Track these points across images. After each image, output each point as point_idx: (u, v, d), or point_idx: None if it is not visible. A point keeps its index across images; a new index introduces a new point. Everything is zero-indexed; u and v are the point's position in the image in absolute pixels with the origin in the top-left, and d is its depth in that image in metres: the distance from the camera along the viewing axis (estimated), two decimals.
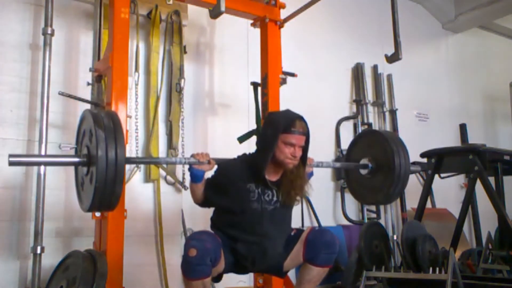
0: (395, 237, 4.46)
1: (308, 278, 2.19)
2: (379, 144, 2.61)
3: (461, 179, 5.32)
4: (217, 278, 2.23)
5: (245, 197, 2.14)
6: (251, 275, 3.30)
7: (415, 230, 3.32)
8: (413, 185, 4.89)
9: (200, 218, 3.25)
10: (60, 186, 3.03)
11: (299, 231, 2.27)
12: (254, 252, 2.14)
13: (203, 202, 2.28)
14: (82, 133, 2.04)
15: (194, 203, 2.31)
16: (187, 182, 3.30)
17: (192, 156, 2.19)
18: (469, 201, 3.80)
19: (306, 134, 2.17)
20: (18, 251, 2.85)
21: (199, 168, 2.17)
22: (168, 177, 3.38)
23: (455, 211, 4.25)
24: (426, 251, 3.15)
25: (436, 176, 3.86)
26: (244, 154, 2.30)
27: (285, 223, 2.28)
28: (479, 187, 3.57)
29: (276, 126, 2.14)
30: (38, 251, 2.74)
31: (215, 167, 2.23)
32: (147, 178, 3.31)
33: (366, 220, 4.45)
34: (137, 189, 3.24)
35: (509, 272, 3.46)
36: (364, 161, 2.66)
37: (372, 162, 2.63)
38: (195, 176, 2.18)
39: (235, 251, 2.16)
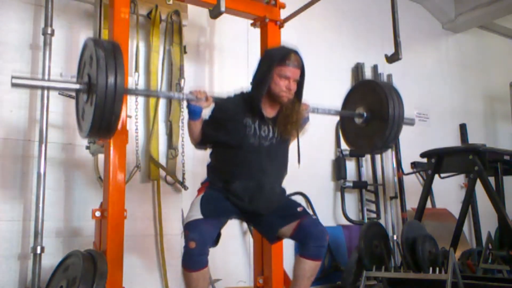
0: (395, 237, 4.46)
1: (302, 273, 2.19)
2: (374, 91, 2.59)
3: (461, 179, 5.31)
4: (215, 242, 2.20)
5: (242, 131, 2.17)
6: (251, 275, 3.30)
7: (415, 230, 3.32)
8: (413, 185, 4.90)
9: None
10: (60, 186, 3.03)
11: (304, 212, 2.27)
12: (250, 189, 2.16)
13: (200, 141, 2.29)
14: (83, 63, 2.04)
15: (192, 143, 2.34)
16: (187, 182, 3.32)
17: (190, 92, 2.21)
18: (469, 201, 3.81)
19: (301, 68, 2.20)
20: (18, 251, 2.85)
21: (197, 105, 2.19)
22: (168, 177, 3.38)
23: (455, 211, 4.24)
24: (426, 251, 3.15)
25: (436, 176, 3.87)
26: (241, 91, 2.32)
27: (281, 160, 2.30)
28: (479, 187, 3.57)
29: (271, 59, 2.17)
30: (38, 251, 2.74)
31: (212, 105, 2.25)
32: (147, 178, 3.31)
33: (366, 220, 4.44)
34: (137, 189, 3.24)
35: (509, 272, 3.47)
36: (359, 110, 2.65)
37: (367, 111, 2.61)
38: (193, 112, 2.20)
39: (231, 195, 2.17)
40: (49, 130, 2.89)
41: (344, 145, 4.41)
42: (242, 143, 2.17)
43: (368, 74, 4.88)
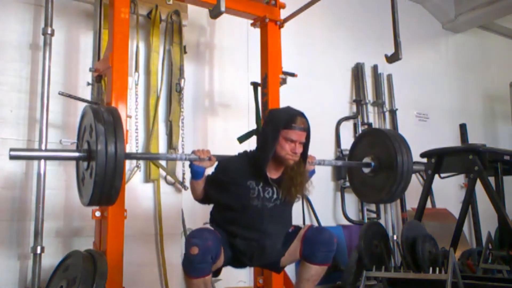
0: (395, 237, 4.46)
1: (307, 277, 2.19)
2: (382, 142, 2.60)
3: (461, 179, 5.32)
4: (216, 273, 2.22)
5: (245, 194, 2.15)
6: (251, 275, 3.30)
7: (415, 230, 3.32)
8: (413, 185, 4.85)
9: (200, 218, 3.23)
10: (60, 186, 3.03)
11: (297, 228, 2.27)
12: (253, 249, 2.15)
13: (203, 199, 2.28)
14: (83, 129, 2.05)
15: (194, 199, 2.32)
16: (187, 182, 3.31)
17: (193, 152, 2.19)
18: (469, 201, 3.80)
19: (307, 130, 2.18)
20: (18, 251, 2.85)
21: (200, 165, 2.17)
22: (168, 177, 3.38)
23: (455, 211, 4.25)
24: (426, 251, 3.15)
25: (436, 176, 3.86)
26: (245, 152, 2.30)
27: (284, 221, 2.28)
28: (479, 187, 3.57)
29: (277, 122, 2.15)
30: (38, 251, 2.74)
31: (216, 163, 2.24)
32: (147, 178, 3.31)
33: (366, 220, 4.45)
34: (137, 189, 3.24)
35: (509, 272, 3.46)
36: (366, 159, 2.65)
37: (375, 161, 2.62)
38: (196, 173, 2.19)
39: (234, 247, 2.16)
40: (49, 130, 2.89)
41: (344, 145, 4.44)
42: (245, 205, 2.15)
43: (368, 74, 4.89)
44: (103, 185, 1.83)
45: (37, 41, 3.05)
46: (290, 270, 3.13)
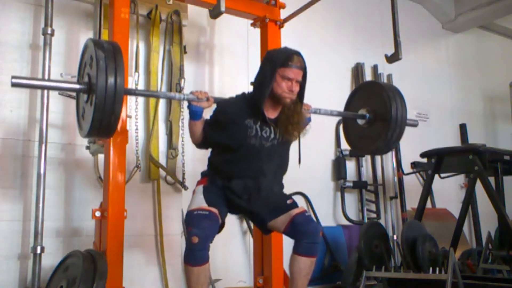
0: (395, 237, 4.45)
1: (298, 271, 2.20)
2: (377, 93, 2.60)
3: (461, 179, 5.32)
4: (219, 229, 2.22)
5: (243, 132, 2.18)
6: (251, 275, 3.30)
7: (415, 230, 3.32)
8: (413, 185, 4.90)
9: None
10: (60, 186, 3.03)
11: (294, 204, 2.28)
12: (249, 189, 2.19)
13: (201, 142, 2.31)
14: (84, 63, 2.06)
15: (193, 143, 2.35)
16: (187, 182, 3.32)
17: (191, 93, 2.22)
18: (469, 201, 3.80)
19: (304, 69, 2.21)
20: (18, 251, 2.85)
21: (198, 105, 2.20)
22: (168, 177, 3.38)
23: (455, 211, 4.25)
24: (426, 251, 3.16)
25: (436, 176, 3.87)
26: (243, 93, 2.33)
27: (281, 160, 2.31)
28: (479, 187, 3.57)
29: (274, 60, 2.18)
30: (38, 251, 2.74)
31: (214, 105, 2.26)
32: (147, 178, 3.31)
33: (366, 220, 4.45)
34: (137, 189, 3.24)
35: (509, 272, 3.46)
36: (362, 111, 2.65)
37: (370, 112, 2.62)
38: (194, 113, 2.22)
39: (229, 190, 2.19)
40: (49, 130, 2.89)
41: (344, 145, 4.44)
42: (243, 144, 2.18)
43: (368, 74, 4.88)
44: (103, 113, 1.83)
45: (37, 41, 3.05)
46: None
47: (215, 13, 2.54)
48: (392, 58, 2.76)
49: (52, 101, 2.95)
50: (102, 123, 1.87)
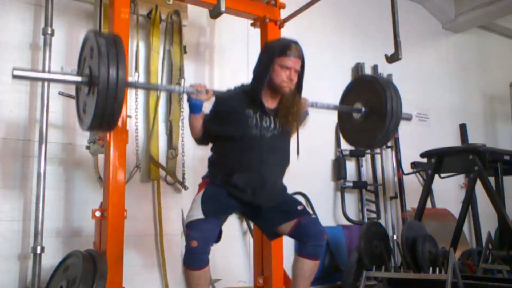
0: (395, 237, 4.46)
1: (301, 273, 2.20)
2: (371, 87, 2.59)
3: (461, 179, 5.31)
4: (217, 239, 2.19)
5: (244, 122, 2.17)
6: (251, 275, 3.30)
7: (415, 230, 3.32)
8: (413, 185, 4.90)
9: None
10: (60, 186, 3.03)
11: (304, 210, 2.28)
12: (253, 181, 2.16)
13: (202, 136, 2.29)
14: (84, 56, 2.04)
15: (193, 138, 2.33)
16: (187, 182, 3.32)
17: (191, 86, 2.21)
18: (469, 201, 3.80)
19: (301, 58, 2.21)
20: (18, 251, 2.85)
21: (198, 98, 2.18)
22: (168, 177, 3.38)
23: (455, 211, 4.24)
24: (426, 251, 3.15)
25: (436, 176, 3.86)
26: (241, 84, 2.33)
27: (282, 151, 2.30)
28: (479, 187, 3.57)
29: (272, 50, 2.19)
30: (38, 251, 2.75)
31: (213, 98, 2.25)
32: (147, 178, 3.31)
33: (366, 220, 4.45)
34: (137, 189, 3.24)
35: (509, 272, 3.47)
36: (357, 105, 2.65)
37: (365, 106, 2.61)
38: (194, 106, 2.20)
39: (232, 187, 2.17)
40: (49, 130, 2.89)
41: (344, 145, 4.44)
42: (244, 134, 2.17)
43: (368, 74, 4.88)
44: (106, 101, 1.81)
45: (37, 41, 3.05)
46: (290, 270, 3.12)
47: (215, 13, 2.54)
48: (392, 58, 2.76)
49: (52, 101, 2.95)
50: (105, 112, 1.84)
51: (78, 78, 1.98)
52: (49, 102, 2.91)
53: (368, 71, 4.89)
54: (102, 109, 1.83)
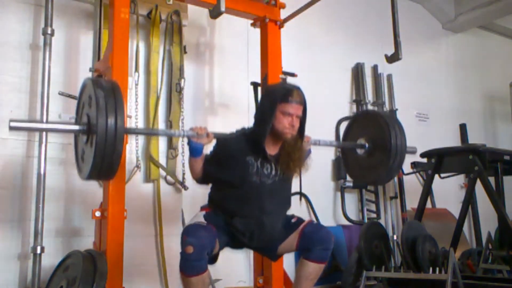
0: (395, 237, 4.46)
1: (305, 275, 2.19)
2: (375, 122, 2.58)
3: (461, 179, 5.31)
4: (213, 260, 2.21)
5: (244, 169, 2.15)
6: (251, 275, 3.30)
7: (415, 230, 3.32)
8: (413, 185, 4.90)
9: None
10: (60, 187, 3.03)
11: (300, 220, 2.28)
12: (252, 227, 2.15)
13: (202, 178, 2.26)
14: (82, 103, 2.02)
15: (193, 179, 2.30)
16: (187, 182, 3.32)
17: (191, 129, 2.18)
18: (469, 201, 3.80)
19: (303, 104, 2.19)
20: (18, 251, 2.85)
21: (198, 141, 2.15)
22: (168, 177, 3.38)
23: (455, 211, 4.24)
24: (426, 251, 3.15)
25: (436, 176, 3.86)
26: (243, 128, 2.30)
27: (283, 198, 2.29)
28: (479, 187, 3.57)
29: (273, 96, 2.17)
30: (38, 251, 2.75)
31: (214, 141, 2.24)
32: (147, 178, 3.31)
33: (366, 220, 4.44)
34: (137, 189, 3.24)
35: (509, 272, 3.47)
36: (360, 141, 2.64)
37: (369, 142, 2.60)
38: (194, 150, 2.16)
39: (232, 227, 2.16)
40: None
41: None
42: (244, 181, 2.14)
43: (368, 74, 4.89)
44: (104, 153, 1.78)
45: (37, 41, 3.05)
46: (290, 270, 3.13)
47: (215, 13, 2.54)
48: (392, 58, 2.76)
49: (52, 101, 2.95)
50: (104, 162, 1.81)
51: (76, 127, 1.95)
52: (49, 102, 2.91)
53: (368, 71, 4.89)
54: (100, 159, 1.79)
